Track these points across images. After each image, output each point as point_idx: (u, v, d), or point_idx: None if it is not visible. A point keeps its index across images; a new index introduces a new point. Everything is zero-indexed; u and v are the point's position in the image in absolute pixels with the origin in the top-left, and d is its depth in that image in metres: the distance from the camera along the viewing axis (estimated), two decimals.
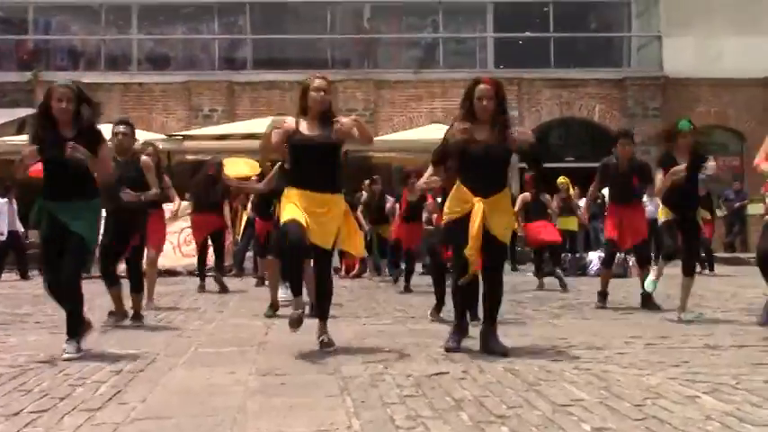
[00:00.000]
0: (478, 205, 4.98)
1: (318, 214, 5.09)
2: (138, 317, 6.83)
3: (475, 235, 4.94)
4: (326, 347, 5.11)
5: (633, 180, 8.05)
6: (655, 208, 13.07)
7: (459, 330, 5.32)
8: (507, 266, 6.25)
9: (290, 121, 5.26)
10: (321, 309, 5.37)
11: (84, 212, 5.07)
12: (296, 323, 5.13)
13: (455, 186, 5.18)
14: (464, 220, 5.03)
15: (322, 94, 5.20)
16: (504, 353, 4.89)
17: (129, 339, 5.81)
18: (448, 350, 5.11)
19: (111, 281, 6.69)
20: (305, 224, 4.98)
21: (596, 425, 3.26)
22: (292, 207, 5.08)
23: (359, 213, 11.61)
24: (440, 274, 7.15)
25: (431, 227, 7.79)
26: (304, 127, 5.20)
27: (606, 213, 8.96)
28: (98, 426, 3.35)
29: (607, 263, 8.39)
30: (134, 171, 6.81)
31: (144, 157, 7.03)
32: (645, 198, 9.47)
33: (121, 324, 6.64)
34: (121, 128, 6.92)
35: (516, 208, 9.48)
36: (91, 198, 5.15)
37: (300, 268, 5.36)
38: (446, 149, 5.29)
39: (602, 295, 8.05)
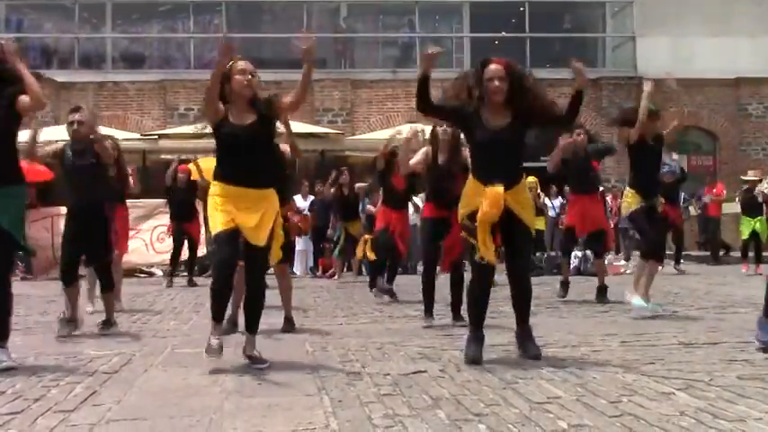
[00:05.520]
0: (491, 189, 4.59)
1: (249, 210, 4.55)
2: (108, 323, 6.24)
3: (482, 217, 4.57)
4: (257, 364, 4.52)
5: (591, 165, 8.28)
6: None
7: (476, 340, 4.77)
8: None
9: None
10: (249, 319, 4.70)
11: (5, 200, 4.55)
12: (215, 352, 4.47)
13: (467, 182, 4.89)
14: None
15: (249, 77, 4.61)
16: (536, 356, 4.63)
17: (104, 340, 5.75)
18: (467, 360, 4.62)
19: (70, 280, 6.04)
20: (236, 228, 4.51)
21: (573, 422, 3.29)
22: (220, 213, 4.53)
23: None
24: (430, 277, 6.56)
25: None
26: (233, 115, 4.61)
27: (568, 204, 9.17)
28: (72, 427, 3.31)
29: (566, 251, 8.70)
30: (90, 158, 6.24)
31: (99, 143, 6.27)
32: None
33: (74, 333, 5.96)
34: (76, 116, 6.32)
35: None
36: (11, 184, 4.62)
37: (228, 287, 4.68)
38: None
39: (563, 284, 8.29)
